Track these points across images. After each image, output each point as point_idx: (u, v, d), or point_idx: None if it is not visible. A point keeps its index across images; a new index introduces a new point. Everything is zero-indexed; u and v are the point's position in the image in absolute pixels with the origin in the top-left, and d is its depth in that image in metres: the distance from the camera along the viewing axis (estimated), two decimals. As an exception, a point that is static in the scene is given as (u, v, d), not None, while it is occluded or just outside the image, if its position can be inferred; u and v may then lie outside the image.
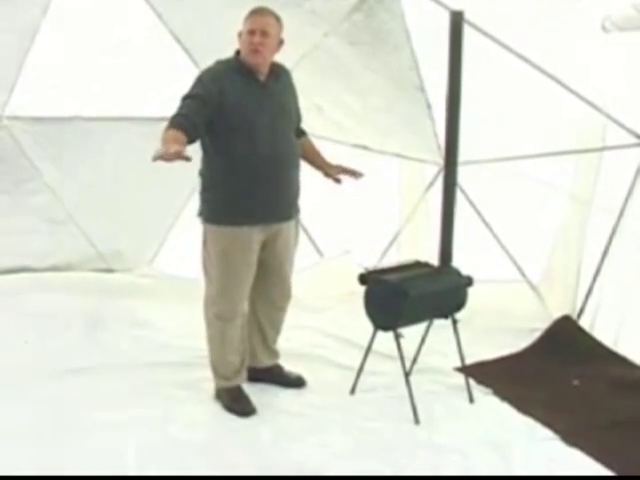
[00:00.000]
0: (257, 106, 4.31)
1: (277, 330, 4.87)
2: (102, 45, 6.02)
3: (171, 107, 6.27)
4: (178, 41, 6.23)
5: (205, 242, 4.50)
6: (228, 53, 4.42)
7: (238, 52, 4.38)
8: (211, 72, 4.35)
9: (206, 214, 4.46)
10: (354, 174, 4.69)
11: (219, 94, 4.21)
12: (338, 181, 4.71)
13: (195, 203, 4.60)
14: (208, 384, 4.70)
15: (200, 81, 4.31)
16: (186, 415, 4.48)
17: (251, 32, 4.25)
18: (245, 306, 4.65)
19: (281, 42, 4.39)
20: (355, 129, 6.30)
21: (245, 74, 4.31)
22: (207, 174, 4.42)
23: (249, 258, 4.44)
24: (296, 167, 4.54)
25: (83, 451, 4.03)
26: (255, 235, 4.40)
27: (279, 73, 4.47)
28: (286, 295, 4.76)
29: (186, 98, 4.27)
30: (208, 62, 4.50)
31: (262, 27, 4.25)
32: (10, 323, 5.66)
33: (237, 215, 4.35)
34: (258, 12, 4.31)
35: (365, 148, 6.37)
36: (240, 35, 4.33)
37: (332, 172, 4.69)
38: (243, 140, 4.22)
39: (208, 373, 4.68)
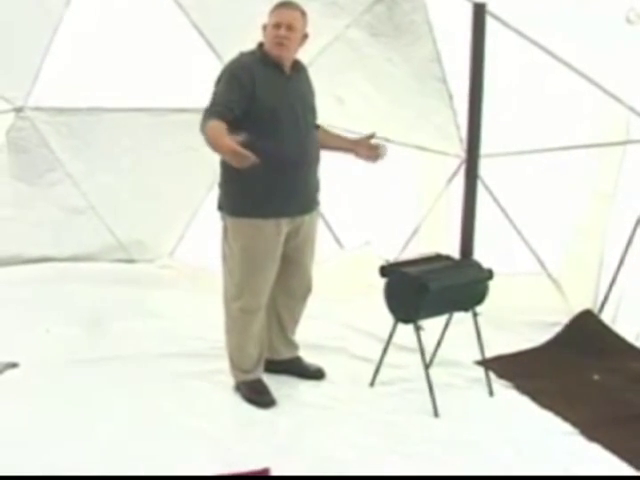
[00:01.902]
0: (284, 98, 4.31)
1: (296, 321, 4.86)
2: (124, 36, 6.03)
3: (193, 98, 6.32)
4: (200, 33, 6.23)
5: (226, 236, 4.46)
6: (250, 45, 4.41)
7: (261, 44, 4.37)
8: (239, 62, 4.33)
9: (229, 207, 4.42)
10: (378, 150, 4.61)
11: (251, 82, 4.19)
12: (375, 158, 4.63)
13: (216, 194, 4.58)
14: (226, 375, 4.70)
15: (229, 72, 4.29)
16: (204, 406, 4.50)
17: (277, 25, 4.24)
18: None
19: (305, 36, 4.37)
20: (376, 121, 6.28)
21: (271, 66, 4.30)
22: (230, 167, 4.35)
23: (274, 251, 4.42)
24: (318, 160, 4.53)
25: (96, 441, 4.04)
26: (281, 227, 4.39)
27: (299, 68, 4.47)
28: (306, 286, 4.75)
29: (217, 92, 4.27)
30: (230, 54, 4.49)
31: (288, 21, 4.24)
32: (32, 312, 5.69)
33: (263, 208, 4.32)
34: (284, 5, 4.29)
35: (386, 140, 6.36)
36: (265, 28, 4.32)
37: (362, 151, 4.62)
38: (270, 131, 4.21)
39: (227, 364, 4.68)
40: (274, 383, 4.67)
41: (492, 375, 4.81)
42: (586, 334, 5.35)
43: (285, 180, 4.31)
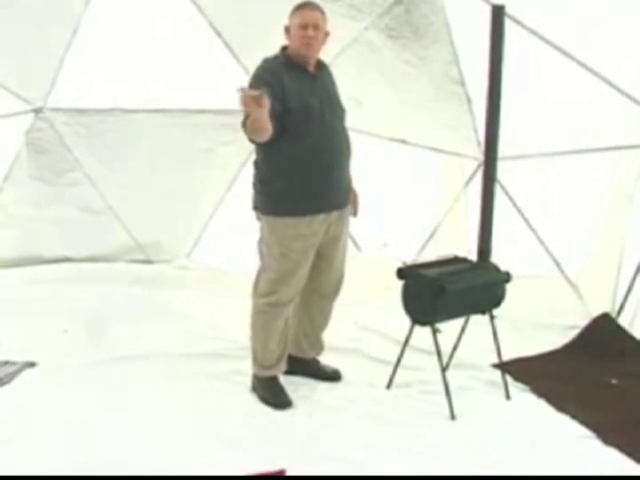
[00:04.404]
0: (313, 97, 4.31)
1: (326, 318, 4.86)
2: (142, 37, 6.06)
3: (211, 100, 6.36)
4: (218, 34, 6.24)
5: (263, 234, 4.48)
6: (268, 47, 4.41)
7: (284, 48, 4.38)
8: (266, 68, 4.32)
9: (265, 206, 4.43)
10: None
11: (281, 87, 4.20)
12: None
13: (233, 195, 4.59)
14: (243, 376, 4.72)
15: (259, 78, 4.26)
16: (220, 406, 4.50)
17: (304, 26, 4.26)
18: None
19: (327, 34, 4.40)
20: (394, 123, 6.29)
21: (295, 68, 4.31)
22: (265, 167, 4.40)
23: (310, 249, 4.44)
24: (349, 155, 4.53)
25: (111, 439, 4.06)
26: (316, 225, 4.39)
27: (322, 66, 4.49)
28: (336, 284, 4.75)
29: None
30: (248, 54, 4.49)
31: (314, 21, 4.27)
32: (49, 312, 5.72)
33: (298, 206, 4.34)
34: (307, 6, 4.31)
35: (403, 142, 6.36)
36: (288, 30, 4.33)
37: None
38: (301, 131, 4.24)
39: (243, 365, 4.70)
40: (290, 384, 4.68)
41: (509, 378, 4.80)
42: (604, 337, 5.33)
43: (317, 178, 4.33)
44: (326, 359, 4.95)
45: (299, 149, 4.26)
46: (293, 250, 4.39)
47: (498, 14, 5.26)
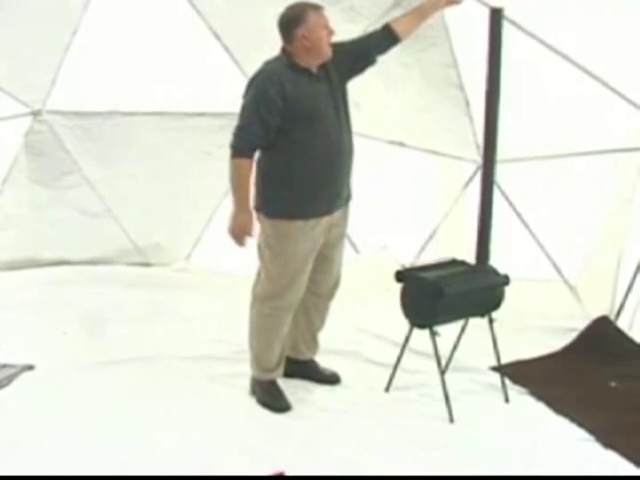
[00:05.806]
0: (317, 99, 4.27)
1: (323, 318, 4.84)
2: (141, 41, 6.06)
3: (210, 103, 6.36)
4: (217, 37, 6.24)
5: (265, 237, 4.42)
6: (267, 51, 4.39)
7: (284, 49, 4.30)
8: (267, 74, 4.23)
9: (268, 209, 4.37)
10: None
11: (282, 97, 4.14)
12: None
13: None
14: (242, 379, 4.71)
15: (258, 87, 4.19)
16: (219, 409, 4.51)
17: (327, 28, 4.25)
18: None
19: None
20: (392, 126, 6.28)
21: (300, 71, 4.25)
22: (270, 169, 4.34)
23: (312, 250, 4.42)
24: (352, 154, 4.48)
25: (110, 442, 4.07)
26: (320, 227, 4.37)
27: (324, 64, 4.39)
28: (333, 283, 4.74)
29: (246, 108, 4.24)
30: (246, 59, 4.47)
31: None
32: (48, 315, 5.73)
33: (305, 209, 4.31)
34: (320, 8, 4.27)
35: (401, 145, 6.35)
36: (304, 35, 4.19)
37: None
38: (308, 134, 4.21)
39: (242, 368, 4.69)
40: (289, 387, 4.67)
41: (508, 381, 4.80)
42: (603, 340, 5.32)
43: (324, 180, 4.30)
44: (325, 362, 4.94)
45: (305, 152, 4.22)
46: (297, 253, 4.36)
47: (496, 17, 5.26)
